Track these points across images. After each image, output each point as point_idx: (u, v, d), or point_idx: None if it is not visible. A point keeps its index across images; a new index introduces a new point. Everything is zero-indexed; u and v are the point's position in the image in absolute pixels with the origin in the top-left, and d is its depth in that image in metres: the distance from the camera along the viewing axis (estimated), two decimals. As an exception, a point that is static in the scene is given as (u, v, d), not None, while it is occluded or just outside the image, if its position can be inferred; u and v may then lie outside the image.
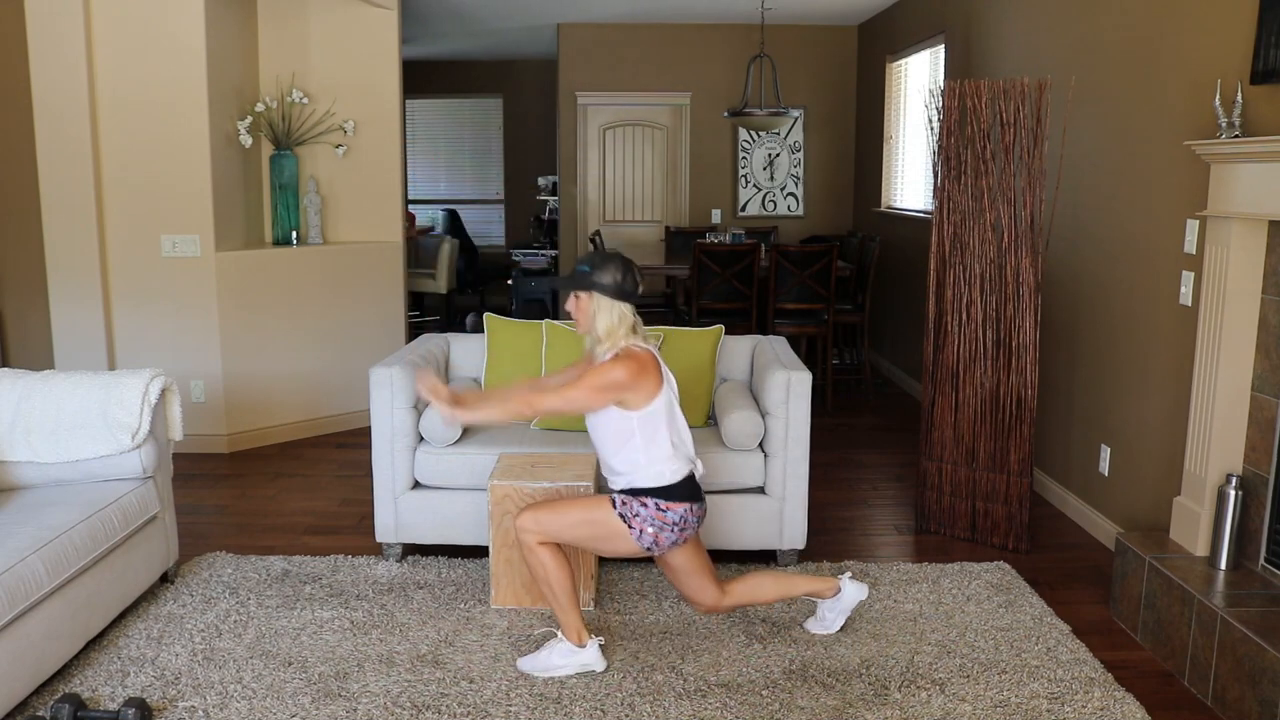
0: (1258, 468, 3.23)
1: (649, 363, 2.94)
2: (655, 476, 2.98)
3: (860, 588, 3.28)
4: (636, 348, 2.95)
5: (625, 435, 2.96)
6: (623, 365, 2.90)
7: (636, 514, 2.98)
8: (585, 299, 2.97)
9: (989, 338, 4.13)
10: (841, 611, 3.30)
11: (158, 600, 3.55)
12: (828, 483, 4.94)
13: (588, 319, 2.98)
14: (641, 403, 2.92)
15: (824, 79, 8.68)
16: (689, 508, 3.01)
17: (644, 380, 2.91)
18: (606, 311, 2.95)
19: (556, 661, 3.06)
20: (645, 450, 2.96)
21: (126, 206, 5.19)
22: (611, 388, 2.89)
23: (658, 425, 2.96)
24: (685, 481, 3.01)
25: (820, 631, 3.31)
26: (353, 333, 5.86)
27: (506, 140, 11.40)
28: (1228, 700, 2.88)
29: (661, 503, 2.97)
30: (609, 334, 2.96)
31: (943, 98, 4.14)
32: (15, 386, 3.42)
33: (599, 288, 2.93)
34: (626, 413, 2.93)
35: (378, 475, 3.89)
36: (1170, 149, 3.70)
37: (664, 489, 2.98)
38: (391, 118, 5.98)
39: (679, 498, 2.99)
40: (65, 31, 4.99)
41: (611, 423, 2.97)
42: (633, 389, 2.90)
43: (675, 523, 2.99)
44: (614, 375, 2.89)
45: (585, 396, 2.92)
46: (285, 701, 2.90)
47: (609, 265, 2.95)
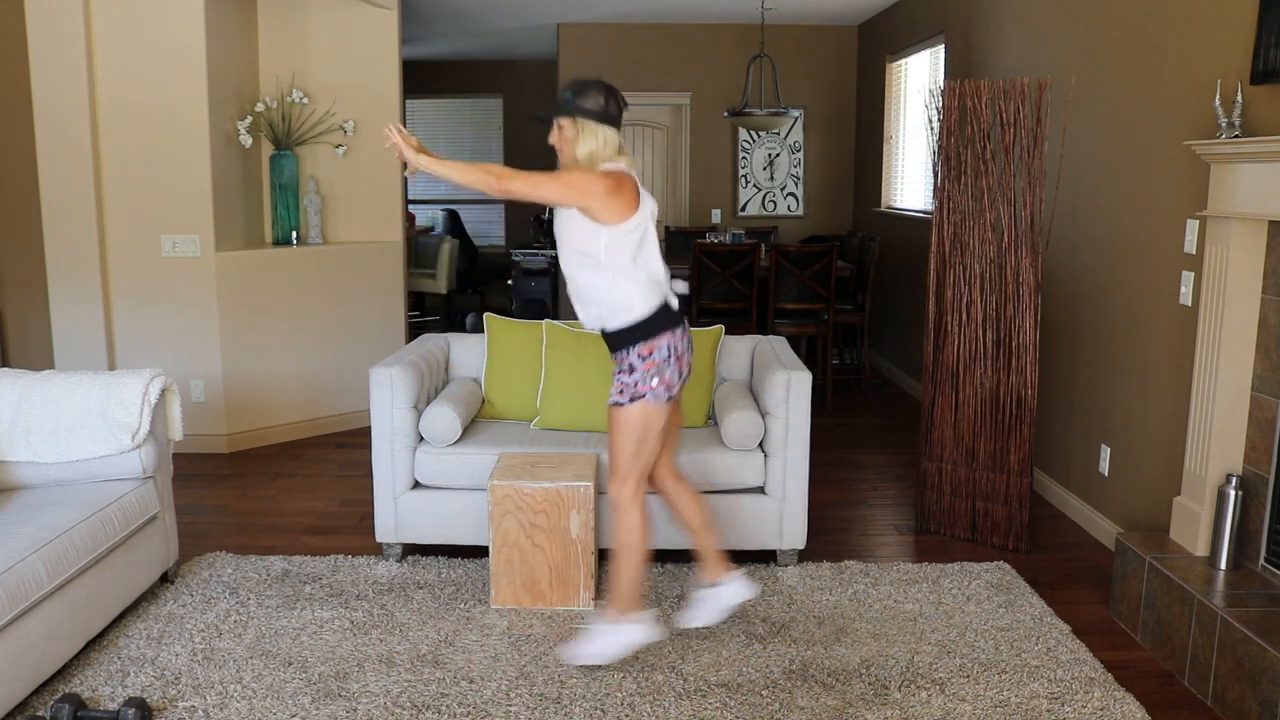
0: (1258, 468, 3.23)
1: (628, 184, 2.88)
2: (625, 307, 2.90)
3: (751, 586, 3.25)
4: (622, 170, 2.89)
5: (591, 249, 2.88)
6: (601, 178, 2.83)
7: (636, 383, 2.91)
8: (568, 126, 2.90)
9: (989, 338, 4.13)
10: (721, 609, 3.23)
11: (158, 600, 3.56)
12: (828, 483, 4.94)
13: (571, 146, 2.91)
14: (612, 218, 2.85)
15: (824, 79, 8.69)
16: (671, 336, 2.93)
17: (618, 196, 2.84)
18: (590, 136, 2.88)
19: (620, 644, 3.06)
20: (613, 270, 2.88)
21: (126, 206, 5.19)
22: (583, 188, 2.82)
23: (630, 247, 2.88)
24: (659, 312, 2.92)
25: (686, 624, 3.24)
26: (353, 333, 5.86)
27: (506, 140, 11.40)
28: (1228, 700, 2.88)
29: (641, 348, 2.91)
30: (591, 159, 2.89)
31: (943, 98, 4.14)
32: (15, 386, 3.42)
33: (582, 112, 2.87)
34: (595, 227, 2.86)
35: (378, 475, 3.89)
36: (1170, 149, 3.70)
37: (638, 326, 2.90)
38: (391, 118, 5.98)
39: (657, 330, 2.91)
40: (65, 32, 4.99)
41: (579, 232, 2.89)
42: (603, 199, 2.82)
43: (667, 356, 2.92)
44: (589, 179, 2.83)
45: (555, 186, 2.84)
46: (285, 701, 2.90)
47: (590, 90, 2.88)
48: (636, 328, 2.91)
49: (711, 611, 3.24)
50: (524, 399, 4.19)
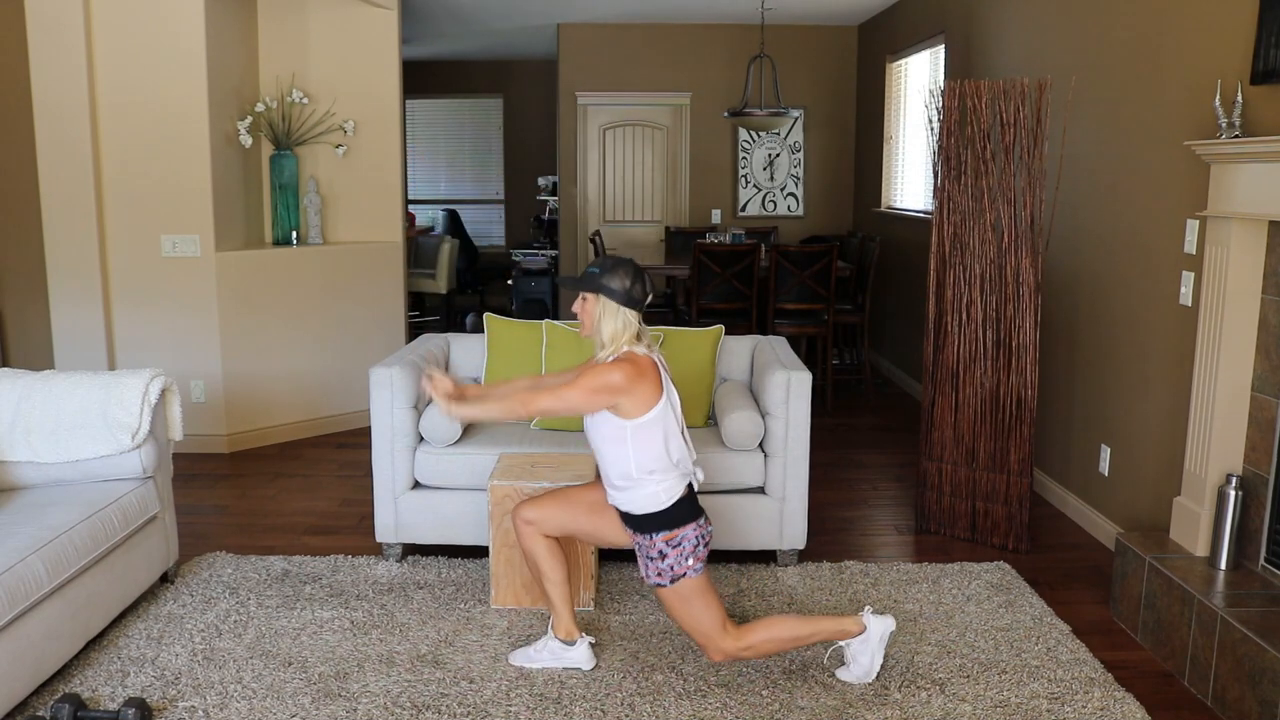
0: (1258, 468, 3.23)
1: (648, 368, 2.89)
2: (650, 499, 2.90)
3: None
4: (638, 353, 2.90)
5: (618, 443, 2.89)
6: (620, 369, 2.85)
7: (671, 567, 2.91)
8: (592, 301, 2.92)
9: (989, 338, 4.13)
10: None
11: (158, 600, 3.56)
12: (828, 483, 4.94)
13: (592, 322, 2.93)
14: (637, 410, 2.86)
15: (824, 79, 8.68)
16: (696, 525, 2.95)
17: (641, 386, 2.85)
18: (612, 317, 2.90)
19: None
20: (637, 461, 2.88)
21: (126, 206, 5.19)
22: (606, 389, 2.84)
23: (652, 436, 2.88)
24: (683, 501, 2.94)
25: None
26: (353, 333, 5.86)
27: (506, 140, 11.40)
28: (1228, 700, 2.88)
29: (666, 535, 2.91)
30: (613, 340, 2.91)
31: (943, 98, 4.14)
32: (15, 386, 3.42)
33: (606, 292, 2.88)
34: (620, 420, 2.87)
35: (378, 475, 3.89)
36: (1170, 149, 3.70)
37: (662, 515, 2.91)
38: (391, 118, 5.98)
39: (681, 521, 2.92)
40: (65, 32, 4.99)
41: (605, 429, 2.91)
42: (628, 393, 2.84)
43: (695, 544, 2.93)
44: (610, 377, 2.84)
45: (580, 397, 2.87)
46: (285, 701, 2.90)
47: (619, 270, 2.89)
48: (662, 515, 2.92)
49: (547, 660, 3.11)
50: (524, 399, 4.18)
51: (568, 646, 3.07)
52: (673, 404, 2.96)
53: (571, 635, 3.08)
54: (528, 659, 3.09)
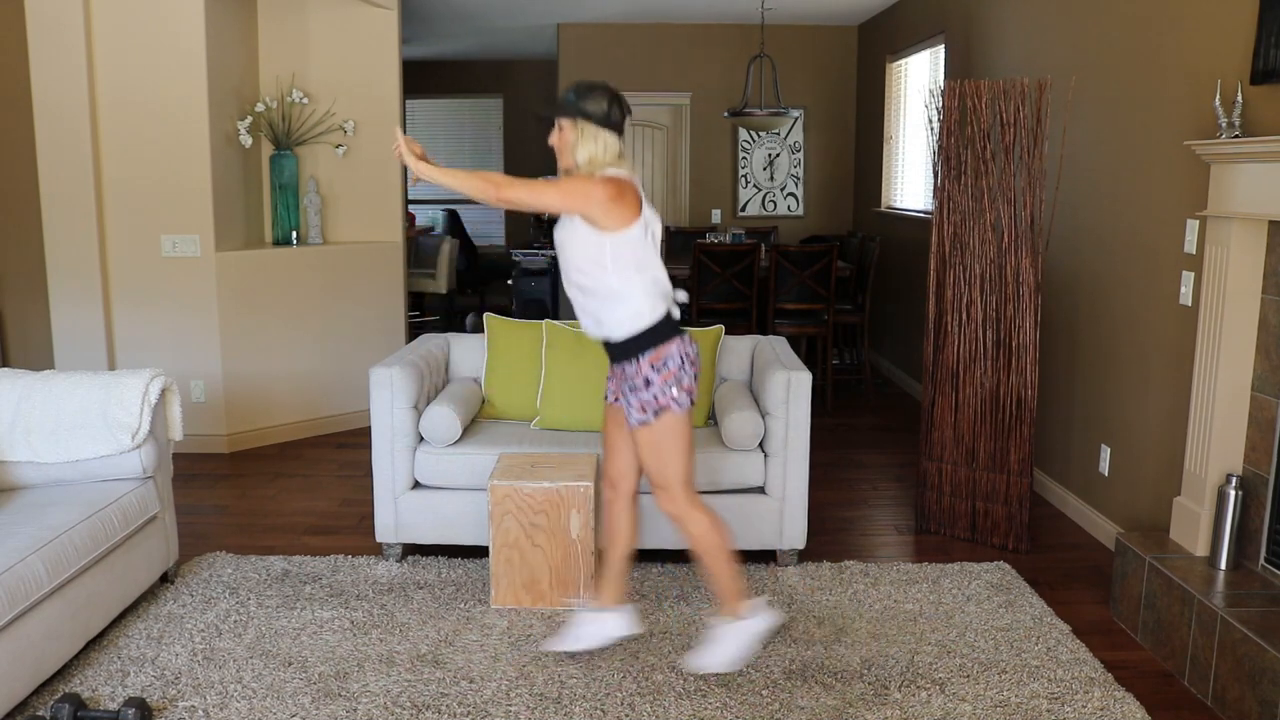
0: (1258, 468, 3.23)
1: (628, 187, 2.82)
2: (632, 316, 2.85)
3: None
4: (622, 175, 2.85)
5: (595, 258, 2.82)
6: (602, 184, 2.77)
7: (655, 397, 2.87)
8: (569, 128, 2.85)
9: (989, 338, 4.13)
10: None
11: (158, 600, 3.56)
12: (828, 483, 4.94)
13: (571, 149, 2.86)
14: (614, 225, 2.79)
15: (824, 79, 8.69)
16: (680, 342, 2.90)
17: (619, 203, 2.78)
18: (590, 140, 2.83)
19: (748, 639, 3.05)
20: (618, 278, 2.82)
21: (126, 206, 5.19)
22: (583, 194, 2.76)
23: (633, 254, 2.83)
24: (664, 321, 2.89)
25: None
26: (353, 333, 5.86)
27: (506, 140, 11.40)
28: (1228, 700, 2.88)
29: (651, 357, 2.86)
30: (590, 163, 2.84)
31: (943, 98, 4.14)
32: (15, 386, 3.42)
33: (583, 114, 2.82)
34: (598, 235, 2.80)
35: (378, 475, 3.89)
36: (1170, 149, 3.70)
37: (645, 334, 2.86)
38: (391, 118, 5.98)
39: (665, 337, 2.88)
40: (65, 31, 4.99)
41: (581, 242, 2.84)
42: (604, 206, 2.76)
43: (680, 364, 2.88)
44: (589, 185, 2.77)
45: (554, 193, 2.81)
46: (285, 701, 2.90)
47: (594, 93, 2.83)
48: (644, 336, 2.87)
49: (593, 637, 3.14)
50: (524, 399, 4.19)
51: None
52: (652, 231, 2.90)
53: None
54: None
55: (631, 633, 3.21)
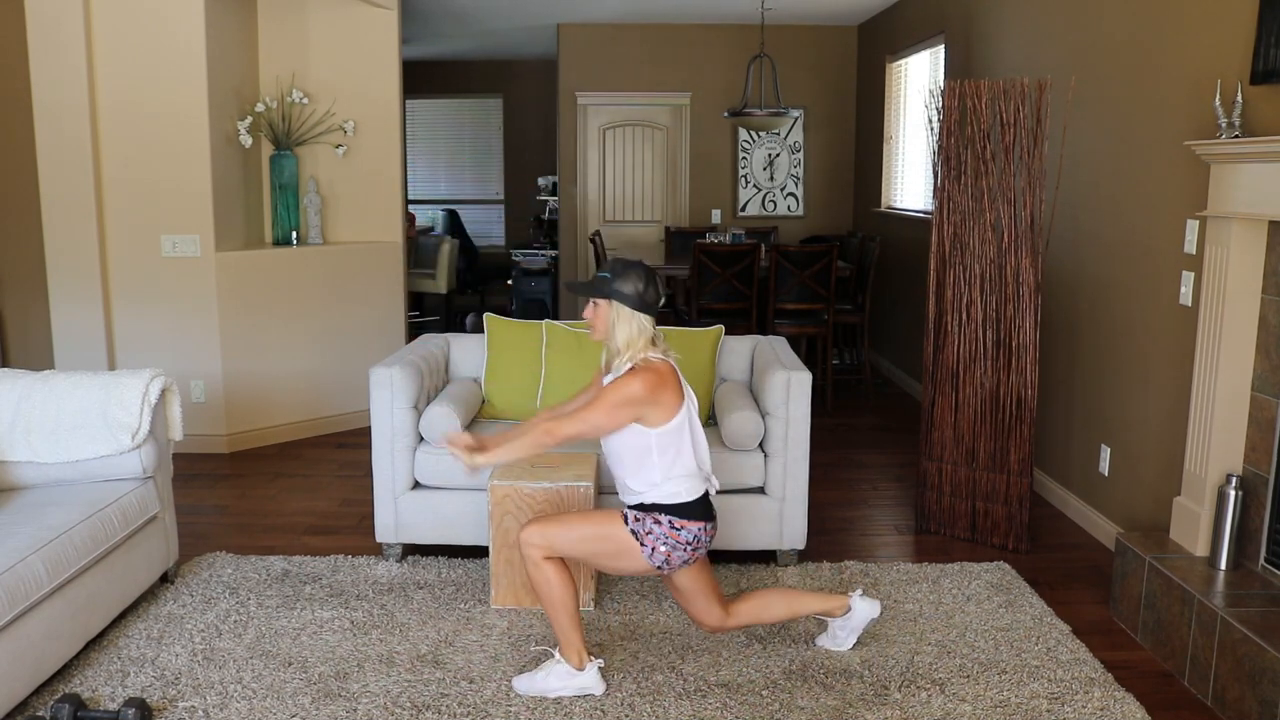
0: (1258, 468, 3.23)
1: (668, 375, 2.85)
2: (671, 495, 2.88)
3: (872, 604, 3.17)
4: (655, 359, 2.86)
5: (642, 453, 2.86)
6: (640, 379, 2.80)
7: (649, 531, 2.88)
8: (604, 307, 2.88)
9: (989, 338, 4.13)
10: (853, 630, 3.19)
11: (158, 600, 3.55)
12: (828, 483, 4.94)
13: (605, 327, 2.89)
14: (661, 418, 2.83)
15: (824, 79, 8.68)
16: (703, 527, 2.92)
17: (663, 394, 2.82)
18: (626, 323, 2.85)
19: (554, 684, 2.93)
20: (663, 469, 2.86)
21: (126, 206, 5.19)
22: (629, 403, 2.79)
23: (678, 442, 2.87)
24: (701, 500, 2.92)
25: (831, 648, 3.21)
26: (353, 333, 5.86)
27: (506, 140, 11.40)
28: (1228, 700, 2.88)
29: (676, 520, 2.88)
30: (628, 345, 2.86)
31: (943, 98, 4.14)
32: (15, 386, 3.42)
33: (619, 296, 2.84)
34: (645, 429, 2.83)
35: (378, 475, 3.89)
36: (1170, 149, 3.70)
37: (679, 506, 2.89)
38: (391, 118, 5.98)
39: (694, 516, 2.90)
40: (66, 32, 4.99)
41: (629, 440, 2.87)
42: (651, 403, 2.80)
43: (689, 542, 2.90)
44: (631, 390, 2.79)
45: (604, 416, 2.82)
46: (285, 701, 2.90)
47: (630, 274, 2.85)
48: (675, 509, 2.90)
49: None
50: (524, 399, 4.19)
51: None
52: (691, 409, 2.94)
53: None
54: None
55: None
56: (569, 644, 2.93)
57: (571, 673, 2.94)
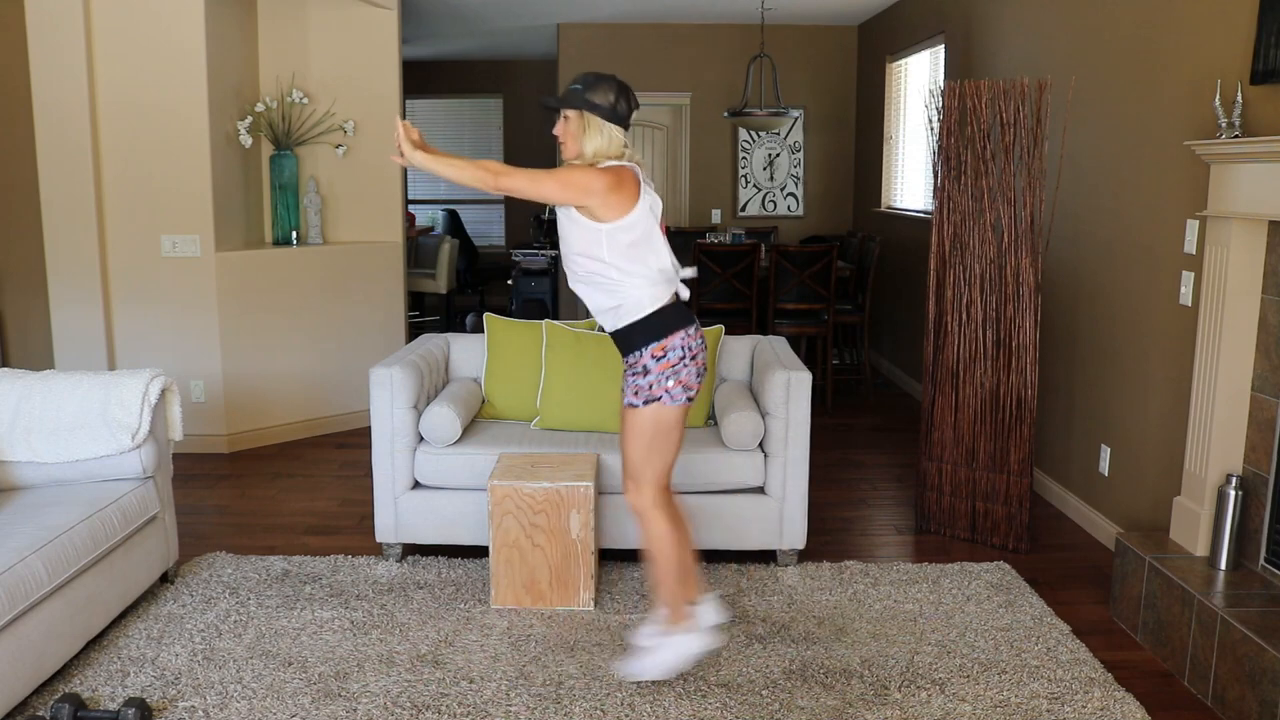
0: (1258, 468, 3.23)
1: (628, 178, 2.79)
2: (635, 305, 2.81)
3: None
4: (622, 163, 2.82)
5: (593, 247, 2.80)
6: (601, 175, 2.75)
7: (650, 385, 2.83)
8: (575, 119, 2.82)
9: (989, 338, 4.13)
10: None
11: (158, 600, 3.55)
12: (828, 483, 4.94)
13: (574, 140, 2.82)
14: (611, 215, 2.77)
15: (824, 79, 8.68)
16: (685, 334, 2.85)
17: (619, 195, 2.76)
18: (596, 132, 2.80)
19: (680, 652, 2.94)
20: (617, 268, 2.80)
21: (126, 207, 5.19)
22: (582, 186, 2.74)
23: (631, 240, 2.80)
24: (669, 309, 2.85)
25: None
26: (353, 333, 5.86)
27: (506, 140, 11.40)
28: (1228, 700, 2.88)
29: (654, 348, 2.82)
30: (596, 156, 2.81)
31: (943, 98, 4.14)
32: (15, 386, 3.42)
33: (590, 107, 2.78)
34: (596, 225, 2.78)
35: (378, 475, 3.89)
36: (1170, 149, 3.70)
37: (649, 324, 2.82)
38: (391, 118, 5.97)
39: (669, 329, 2.83)
40: (65, 32, 4.99)
41: (580, 231, 2.81)
42: (602, 197, 2.75)
43: (682, 356, 2.83)
44: (588, 176, 2.75)
45: (553, 184, 2.76)
46: (285, 701, 2.90)
47: (602, 85, 2.81)
48: (648, 326, 2.83)
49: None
50: (524, 399, 4.19)
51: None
52: (654, 212, 2.86)
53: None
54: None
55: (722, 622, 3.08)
56: (679, 606, 2.94)
57: (691, 635, 2.96)
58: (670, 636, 2.98)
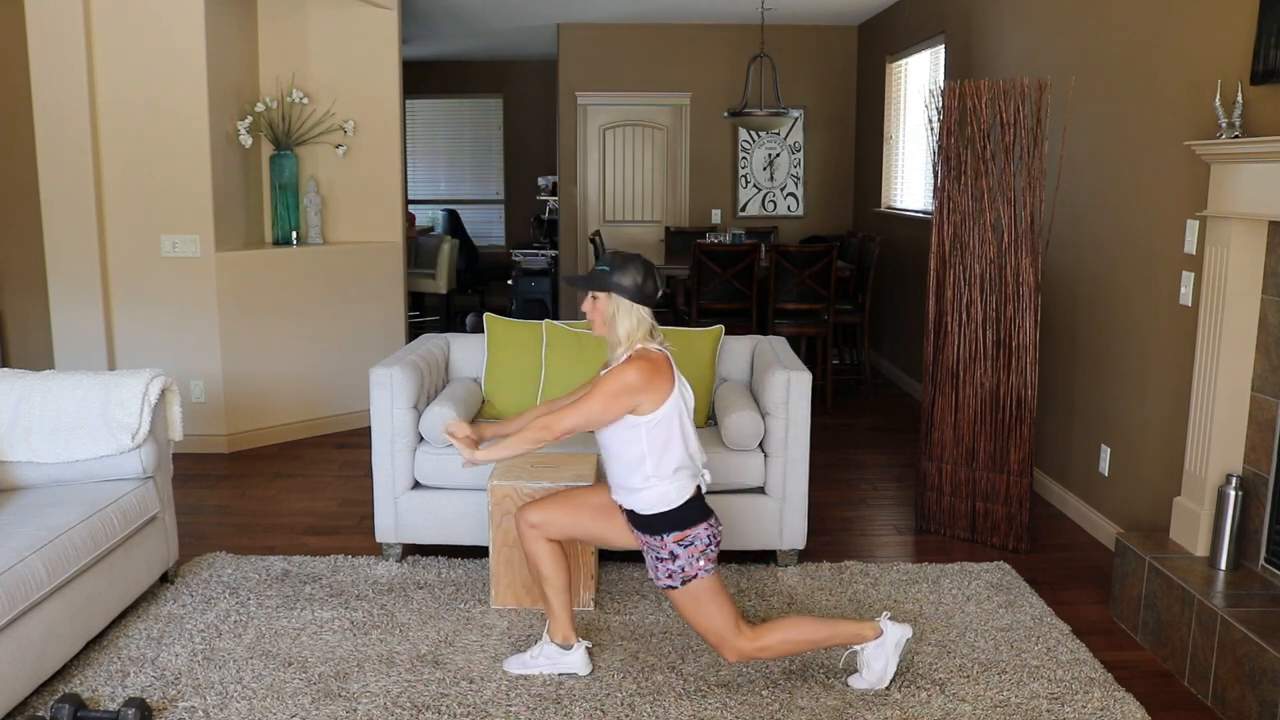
0: (1258, 468, 3.23)
1: (662, 364, 2.85)
2: (661, 498, 2.85)
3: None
4: (652, 349, 2.86)
5: (632, 442, 2.84)
6: (635, 367, 2.81)
7: (683, 568, 2.86)
8: (603, 300, 2.87)
9: (989, 338, 4.13)
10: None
11: (158, 600, 3.55)
12: (828, 483, 4.94)
13: (604, 321, 2.89)
14: (652, 406, 2.82)
15: (824, 79, 8.68)
16: (707, 525, 2.89)
17: (657, 381, 2.81)
18: (625, 315, 2.85)
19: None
20: (653, 460, 2.84)
21: (126, 207, 5.19)
22: (625, 391, 2.79)
23: (668, 431, 2.84)
24: (693, 501, 2.90)
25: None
26: (353, 333, 5.86)
27: (506, 140, 11.40)
28: (1228, 700, 2.88)
29: (678, 537, 2.86)
30: (628, 338, 2.86)
31: (943, 98, 4.14)
32: (15, 386, 3.42)
33: (618, 289, 2.83)
34: (635, 418, 2.82)
35: (378, 475, 3.89)
36: (1170, 149, 3.70)
37: (673, 515, 2.86)
38: (391, 118, 5.98)
39: (692, 521, 2.88)
40: (65, 32, 4.99)
41: (619, 431, 2.86)
42: (646, 390, 2.80)
43: (708, 543, 2.89)
44: (628, 378, 2.80)
45: (600, 406, 2.81)
46: (285, 701, 2.90)
47: (630, 267, 2.85)
48: (672, 517, 2.87)
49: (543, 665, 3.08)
50: (524, 399, 4.19)
51: (564, 651, 3.04)
52: (685, 400, 2.92)
53: (569, 640, 3.05)
54: (523, 665, 3.06)
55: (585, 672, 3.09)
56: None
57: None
58: None
